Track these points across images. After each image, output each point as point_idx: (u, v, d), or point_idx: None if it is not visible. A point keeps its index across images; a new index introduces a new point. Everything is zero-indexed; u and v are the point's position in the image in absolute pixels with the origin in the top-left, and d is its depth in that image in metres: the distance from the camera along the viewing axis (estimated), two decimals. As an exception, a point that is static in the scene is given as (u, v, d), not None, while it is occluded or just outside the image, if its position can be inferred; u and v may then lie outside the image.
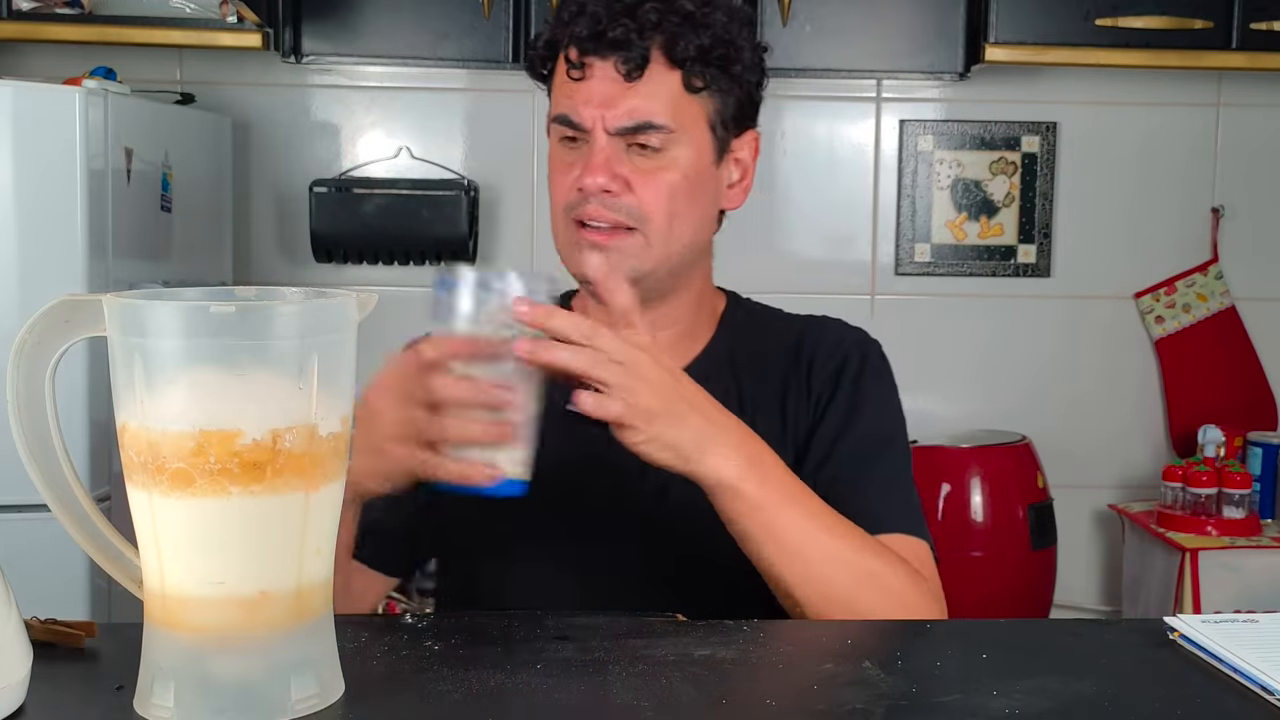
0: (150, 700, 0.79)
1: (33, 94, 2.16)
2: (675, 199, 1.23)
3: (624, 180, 1.22)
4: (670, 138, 1.22)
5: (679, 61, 1.22)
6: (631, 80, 1.20)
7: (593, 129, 1.22)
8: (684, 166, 1.24)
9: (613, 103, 1.21)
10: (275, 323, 0.78)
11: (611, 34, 1.19)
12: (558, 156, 1.26)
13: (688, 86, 1.23)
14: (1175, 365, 3.05)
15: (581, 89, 1.22)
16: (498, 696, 0.83)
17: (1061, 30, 2.64)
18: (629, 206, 1.22)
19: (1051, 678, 0.88)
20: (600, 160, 1.21)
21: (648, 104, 1.21)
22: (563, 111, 1.24)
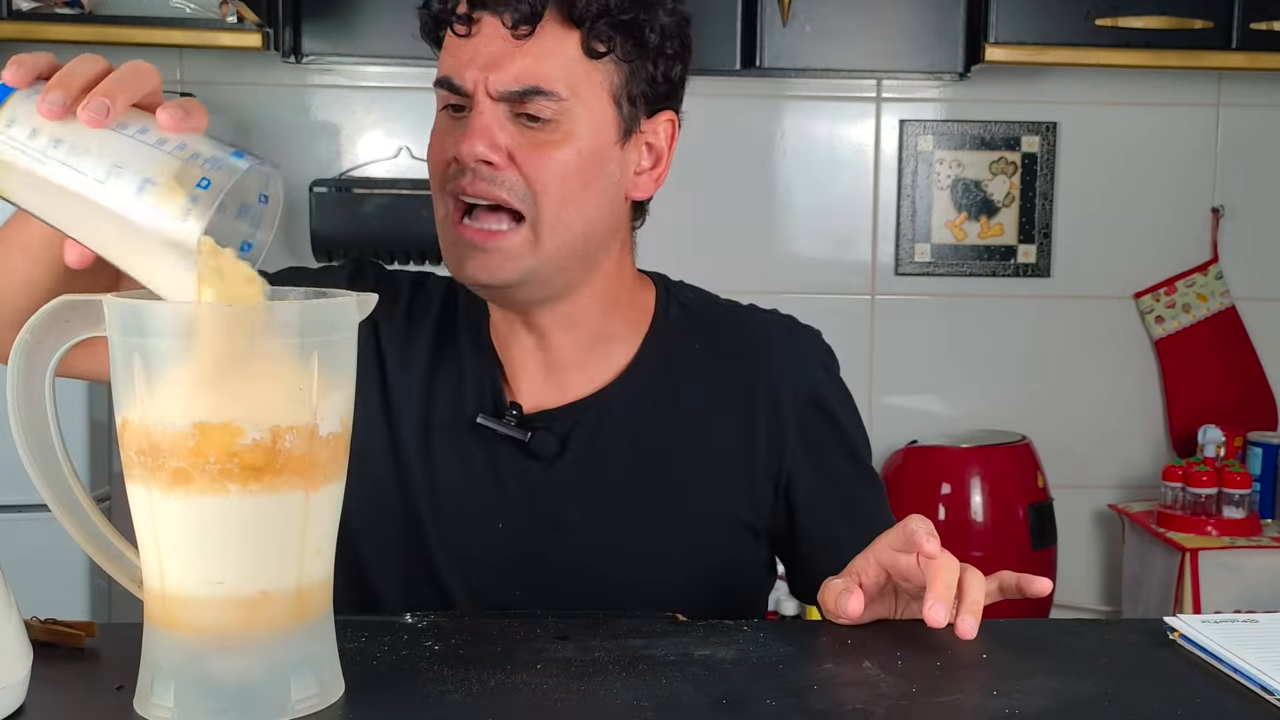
0: (150, 700, 0.79)
1: (33, 94, 2.16)
2: (567, 178, 1.07)
3: (506, 152, 1.06)
4: (563, 107, 1.06)
5: (578, 20, 1.06)
6: (520, 38, 1.05)
7: (474, 92, 1.06)
8: (579, 141, 1.07)
9: (498, 64, 1.05)
10: (275, 323, 0.78)
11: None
12: (439, 127, 1.10)
13: (587, 50, 1.07)
14: (1175, 365, 3.05)
15: (466, 47, 1.06)
16: (498, 696, 0.83)
17: (1061, 30, 2.64)
18: (512, 182, 1.06)
19: (1051, 678, 0.88)
20: (479, 125, 1.05)
21: (538, 66, 1.05)
22: (444, 73, 1.08)
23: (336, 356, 0.80)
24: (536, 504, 1.15)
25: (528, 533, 1.15)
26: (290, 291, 0.84)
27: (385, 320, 1.19)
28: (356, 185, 2.86)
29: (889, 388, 3.04)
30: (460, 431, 1.16)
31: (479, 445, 1.15)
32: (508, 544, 1.16)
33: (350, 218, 2.82)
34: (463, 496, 1.15)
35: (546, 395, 1.17)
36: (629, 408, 1.17)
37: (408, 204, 2.83)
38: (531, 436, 1.14)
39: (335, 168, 2.93)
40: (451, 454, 1.16)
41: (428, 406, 1.17)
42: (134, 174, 0.77)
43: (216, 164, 0.77)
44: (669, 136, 1.16)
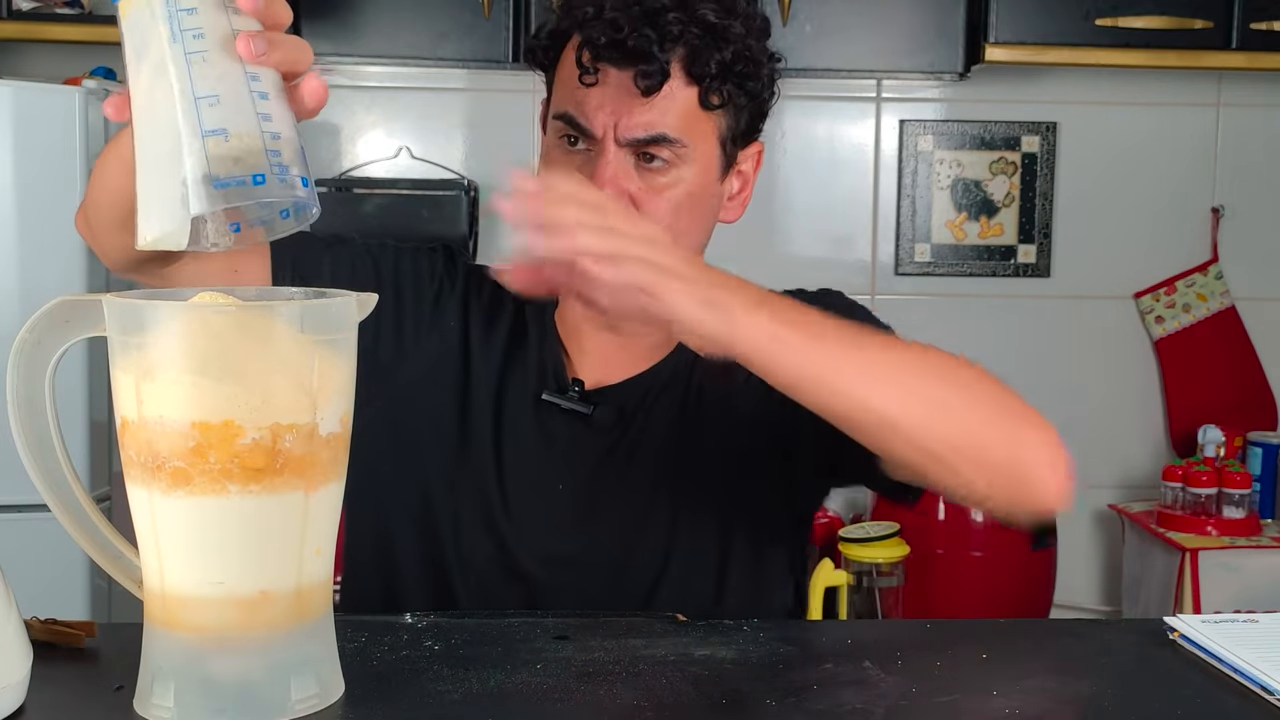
0: (150, 700, 0.80)
1: (33, 94, 2.16)
2: (679, 218, 1.17)
3: (630, 197, 1.15)
4: (681, 153, 1.16)
5: (698, 77, 1.15)
6: (649, 95, 1.13)
7: (603, 138, 1.15)
8: (690, 183, 1.18)
9: (626, 113, 1.14)
10: (275, 322, 0.78)
11: (632, 43, 1.12)
12: (556, 156, 1.19)
13: (703, 103, 1.16)
14: (1175, 365, 3.05)
15: (593, 95, 1.15)
16: (498, 696, 0.83)
17: (1061, 30, 2.64)
18: None
19: (1051, 678, 0.88)
20: (610, 174, 1.14)
21: (663, 118, 1.14)
22: (568, 111, 1.16)
23: (337, 356, 0.80)
24: (595, 469, 1.23)
25: (584, 493, 1.22)
26: (291, 291, 0.84)
27: (474, 301, 1.27)
28: (356, 185, 2.86)
29: (889, 388, 3.03)
30: (527, 405, 1.24)
31: (544, 418, 1.23)
32: (568, 504, 1.23)
33: (350, 218, 2.82)
34: (527, 461, 1.23)
35: (608, 374, 1.25)
36: (676, 380, 1.25)
37: (408, 204, 2.83)
38: (594, 410, 1.22)
39: (335, 168, 2.93)
40: (519, 426, 1.24)
41: (499, 383, 1.25)
42: (217, 119, 0.74)
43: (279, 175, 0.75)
44: (756, 163, 1.28)
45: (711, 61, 1.14)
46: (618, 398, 1.24)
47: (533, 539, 1.23)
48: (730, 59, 1.15)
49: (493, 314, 1.28)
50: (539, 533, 1.23)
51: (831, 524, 2.73)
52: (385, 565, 1.26)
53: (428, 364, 1.25)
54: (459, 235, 2.83)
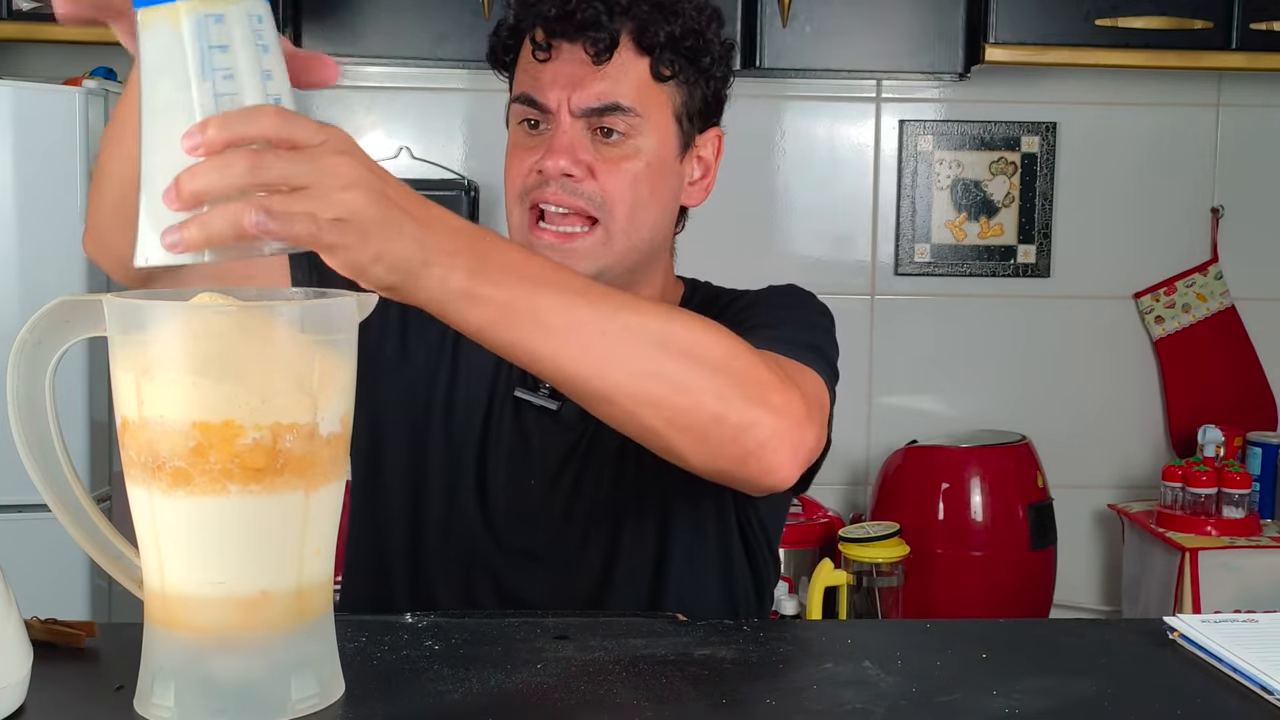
0: (150, 700, 0.80)
1: (33, 94, 2.16)
2: (638, 188, 1.19)
3: (586, 165, 1.18)
4: (635, 123, 1.19)
5: (648, 48, 1.19)
6: (600, 63, 1.17)
7: (557, 110, 1.18)
8: (647, 155, 1.20)
9: (579, 84, 1.18)
10: (276, 323, 0.78)
11: (581, 15, 1.16)
12: (517, 141, 1.22)
13: (655, 74, 1.20)
14: (1175, 365, 3.05)
15: (547, 70, 1.19)
16: (498, 696, 0.83)
17: (1061, 30, 2.64)
18: (590, 193, 1.18)
19: (1051, 678, 0.88)
20: (564, 143, 1.17)
21: (615, 86, 1.18)
22: (525, 90, 1.20)
23: (337, 356, 0.80)
24: (564, 464, 1.25)
25: (556, 489, 1.25)
26: (291, 292, 0.84)
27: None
28: (356, 185, 2.86)
29: (889, 388, 3.04)
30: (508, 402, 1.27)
31: (521, 415, 1.26)
32: (537, 499, 1.26)
33: (350, 218, 2.82)
34: (504, 457, 1.26)
35: None
36: None
37: (408, 204, 2.82)
38: (561, 406, 1.24)
39: (335, 168, 2.93)
40: (500, 422, 1.27)
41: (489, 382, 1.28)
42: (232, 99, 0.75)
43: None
44: (716, 150, 1.30)
45: (660, 32, 1.18)
46: None
47: (503, 533, 1.25)
48: (679, 32, 1.19)
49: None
50: (511, 527, 1.25)
51: (831, 524, 2.73)
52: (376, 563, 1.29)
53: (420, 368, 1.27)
54: (459, 235, 2.83)
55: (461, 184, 2.86)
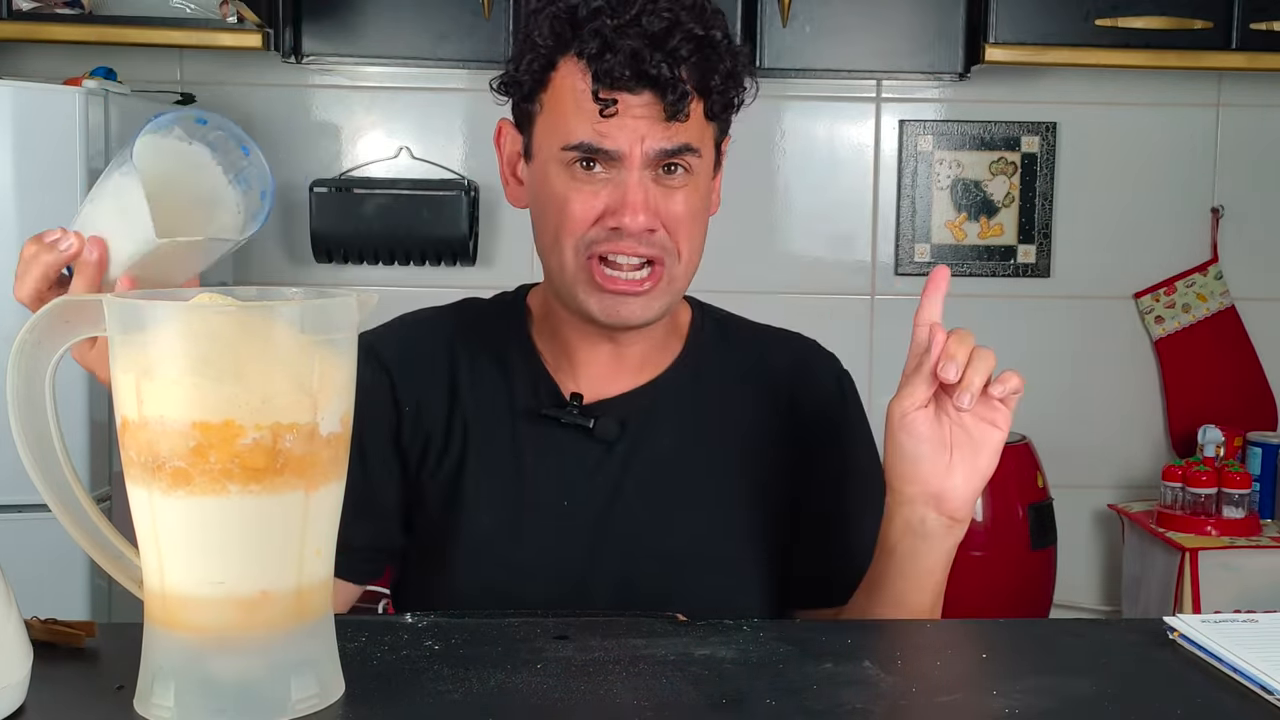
0: (150, 700, 0.80)
1: (33, 94, 2.16)
2: (695, 225, 1.21)
3: (661, 216, 1.18)
4: (695, 163, 1.19)
5: (704, 91, 1.18)
6: (674, 120, 1.15)
7: (628, 156, 1.15)
8: (702, 189, 1.21)
9: (650, 133, 1.15)
10: (276, 322, 0.78)
11: (653, 70, 1.13)
12: (568, 184, 1.18)
13: (708, 113, 1.20)
14: (1175, 365, 3.05)
15: (612, 121, 1.15)
16: (498, 696, 0.83)
17: (1061, 30, 2.64)
18: (662, 241, 1.18)
19: (1051, 678, 0.88)
20: (641, 197, 1.16)
21: (685, 131, 1.17)
22: (587, 141, 1.15)
23: (338, 356, 0.80)
24: (601, 481, 1.25)
25: (592, 506, 1.25)
26: (291, 291, 0.84)
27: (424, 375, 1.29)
28: (356, 185, 2.86)
29: (889, 388, 3.00)
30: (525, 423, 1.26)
31: (547, 434, 1.26)
32: (577, 518, 1.25)
33: (350, 218, 2.82)
34: (533, 481, 1.25)
35: (604, 388, 1.27)
36: (676, 394, 1.28)
37: (407, 204, 2.83)
38: (595, 423, 1.24)
39: (335, 168, 2.93)
40: (520, 447, 1.26)
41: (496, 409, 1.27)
42: None
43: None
44: (724, 151, 1.30)
45: (716, 74, 1.18)
46: (619, 409, 1.26)
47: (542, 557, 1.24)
48: (729, 71, 1.19)
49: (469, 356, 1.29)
50: (549, 550, 1.24)
51: (831, 524, 2.73)
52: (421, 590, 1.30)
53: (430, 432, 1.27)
54: (459, 235, 2.83)
55: (461, 184, 2.86)
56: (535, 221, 1.25)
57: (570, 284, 1.20)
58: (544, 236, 1.22)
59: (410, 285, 2.92)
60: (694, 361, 1.30)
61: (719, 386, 1.30)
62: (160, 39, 2.58)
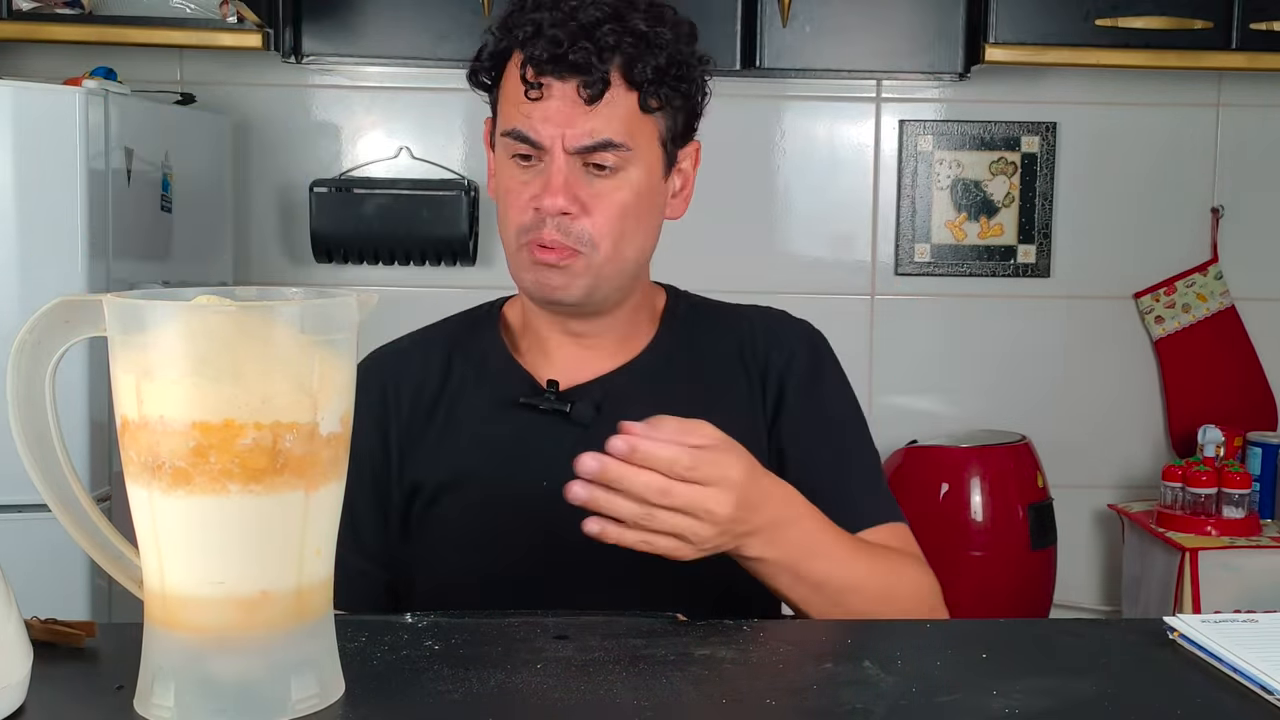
0: (150, 700, 0.80)
1: (33, 94, 2.16)
2: (625, 220, 1.24)
3: (581, 203, 1.22)
4: (626, 157, 1.23)
5: (636, 83, 1.22)
6: (592, 104, 1.21)
7: (551, 148, 1.22)
8: (636, 185, 1.24)
9: (572, 122, 1.21)
10: (276, 323, 0.78)
11: (572, 57, 1.19)
12: (510, 175, 1.26)
13: (643, 107, 1.23)
14: (1175, 365, 3.05)
15: (539, 108, 1.21)
16: (498, 696, 0.83)
17: (1061, 30, 2.64)
18: (580, 231, 1.23)
19: (1051, 678, 0.88)
20: (560, 182, 1.21)
21: (607, 124, 1.21)
22: (517, 127, 1.23)
23: (337, 356, 0.80)
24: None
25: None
26: (291, 291, 0.84)
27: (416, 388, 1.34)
28: (356, 185, 2.86)
29: (889, 388, 3.04)
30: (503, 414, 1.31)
31: (524, 424, 1.30)
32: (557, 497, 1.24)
33: (350, 218, 2.82)
34: (515, 466, 1.29)
35: (580, 375, 1.32)
36: (651, 376, 1.32)
37: (407, 204, 2.83)
38: (572, 407, 1.29)
39: (335, 168, 2.93)
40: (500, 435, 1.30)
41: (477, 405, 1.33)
42: None
43: None
44: (694, 161, 1.34)
45: (648, 67, 1.21)
46: (594, 393, 1.30)
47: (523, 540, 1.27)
48: (665, 64, 1.22)
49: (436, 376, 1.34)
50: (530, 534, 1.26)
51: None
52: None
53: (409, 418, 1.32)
54: (459, 235, 2.83)
55: (461, 184, 2.86)
56: (498, 213, 1.31)
57: (515, 267, 1.28)
58: (499, 226, 1.30)
59: (410, 285, 2.92)
60: (668, 343, 1.34)
61: (692, 363, 1.33)
62: (160, 39, 2.58)
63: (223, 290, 0.81)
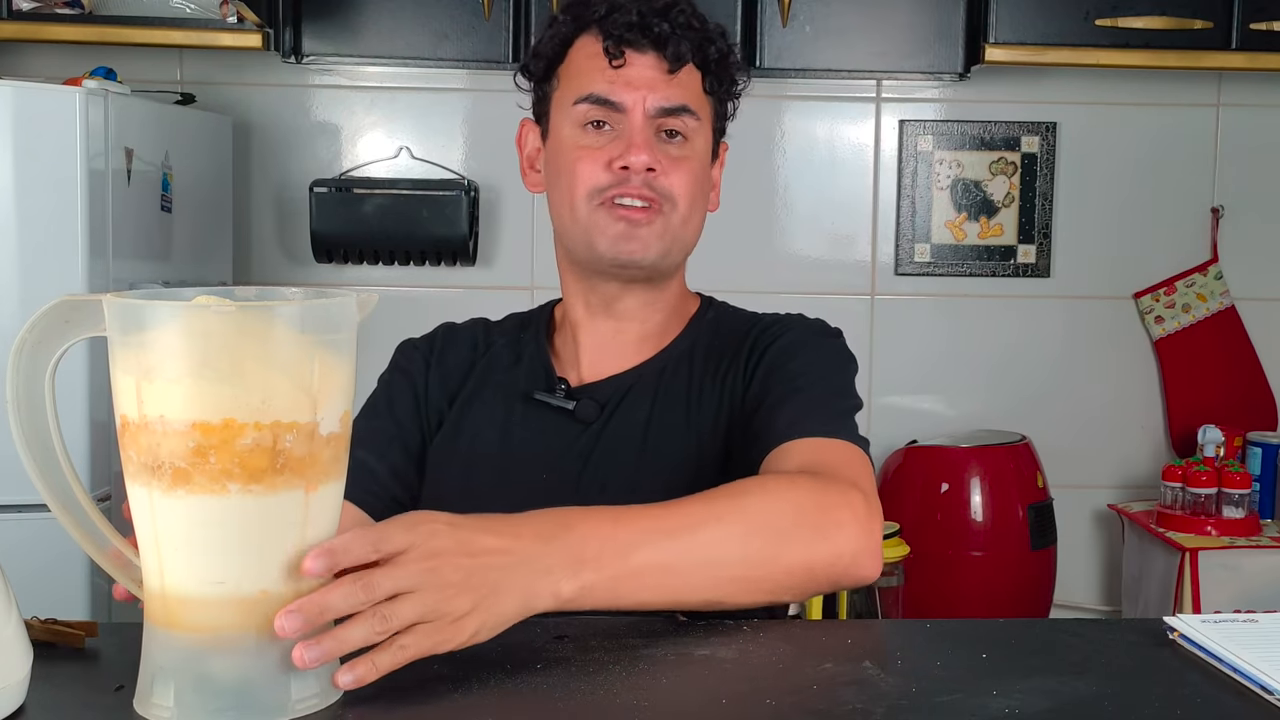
0: (150, 700, 0.80)
1: (33, 94, 2.16)
2: (696, 185, 1.31)
3: (661, 163, 1.28)
4: (696, 126, 1.30)
5: (703, 64, 1.31)
6: (673, 72, 1.28)
7: (632, 109, 1.27)
8: (701, 156, 1.32)
9: (654, 87, 1.28)
10: (275, 323, 0.78)
11: (657, 29, 1.28)
12: (582, 142, 1.29)
13: (706, 88, 1.32)
14: (1175, 365, 3.05)
15: (621, 74, 1.28)
16: (498, 696, 0.83)
17: (1061, 30, 2.64)
18: (665, 188, 1.28)
19: (1051, 678, 0.88)
20: (644, 140, 1.27)
21: (684, 91, 1.29)
22: (596, 92, 1.28)
23: (337, 356, 0.80)
24: (578, 460, 1.30)
25: (568, 484, 1.29)
26: (290, 292, 0.84)
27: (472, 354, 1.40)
28: (356, 185, 2.86)
29: (889, 388, 3.04)
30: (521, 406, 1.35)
31: (536, 416, 1.33)
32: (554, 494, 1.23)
33: (350, 218, 2.82)
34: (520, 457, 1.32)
35: (601, 368, 1.35)
36: (658, 375, 1.34)
37: (408, 204, 2.83)
38: (576, 405, 1.32)
39: (335, 168, 2.93)
40: (513, 426, 1.33)
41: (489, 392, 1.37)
42: None
43: None
44: (722, 162, 1.42)
45: (713, 49, 1.32)
46: (600, 392, 1.33)
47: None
48: (725, 51, 1.33)
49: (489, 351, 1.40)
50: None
51: (831, 524, 2.73)
52: None
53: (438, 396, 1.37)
54: (459, 235, 2.83)
55: (461, 184, 2.86)
56: (552, 193, 1.34)
57: (584, 232, 1.30)
58: (560, 201, 1.32)
59: (410, 285, 2.92)
60: (686, 345, 1.36)
61: (701, 365, 1.35)
62: (160, 39, 2.58)
63: (222, 290, 0.81)
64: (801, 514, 1.04)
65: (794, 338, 1.32)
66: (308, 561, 0.80)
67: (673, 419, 1.31)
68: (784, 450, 1.17)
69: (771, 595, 1.02)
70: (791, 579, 1.02)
